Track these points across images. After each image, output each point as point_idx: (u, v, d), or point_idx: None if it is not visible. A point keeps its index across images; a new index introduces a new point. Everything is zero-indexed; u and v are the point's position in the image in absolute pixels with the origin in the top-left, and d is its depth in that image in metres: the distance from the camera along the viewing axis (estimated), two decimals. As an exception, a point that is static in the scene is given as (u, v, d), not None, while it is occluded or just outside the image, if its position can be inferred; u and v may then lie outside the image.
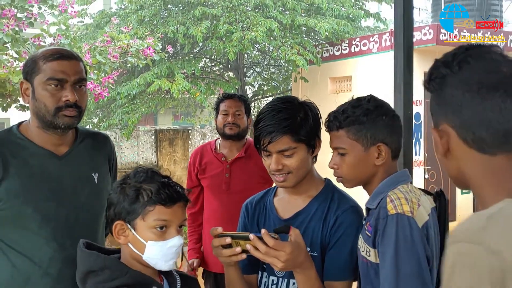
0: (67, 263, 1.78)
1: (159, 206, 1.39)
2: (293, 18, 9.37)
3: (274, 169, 1.67)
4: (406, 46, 3.10)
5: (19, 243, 1.79)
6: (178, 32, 9.07)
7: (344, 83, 9.62)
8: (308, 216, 1.74)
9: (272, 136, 1.63)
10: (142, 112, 9.41)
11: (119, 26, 8.10)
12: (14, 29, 6.07)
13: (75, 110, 1.80)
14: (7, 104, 6.67)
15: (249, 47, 9.12)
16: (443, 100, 1.01)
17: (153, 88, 8.81)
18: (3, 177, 1.76)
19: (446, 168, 1.07)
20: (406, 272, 1.47)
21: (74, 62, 1.83)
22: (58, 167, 1.86)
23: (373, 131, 1.64)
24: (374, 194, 1.66)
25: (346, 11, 10.08)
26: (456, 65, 0.99)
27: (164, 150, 9.53)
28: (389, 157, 1.66)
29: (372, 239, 1.58)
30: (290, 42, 9.26)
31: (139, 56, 6.69)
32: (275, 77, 12.60)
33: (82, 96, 1.84)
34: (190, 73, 9.56)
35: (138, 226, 1.41)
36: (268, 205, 1.82)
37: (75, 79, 1.80)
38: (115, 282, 1.38)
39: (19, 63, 6.25)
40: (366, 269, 1.64)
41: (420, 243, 1.49)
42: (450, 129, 1.00)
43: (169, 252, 1.42)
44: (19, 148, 1.82)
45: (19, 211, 1.77)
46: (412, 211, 1.51)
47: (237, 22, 9.15)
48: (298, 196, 1.78)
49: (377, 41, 8.93)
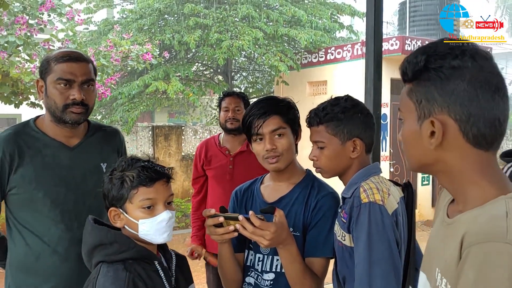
0: (73, 242, 1.79)
1: (142, 187, 1.39)
2: (276, 29, 9.37)
3: (269, 149, 1.65)
4: (376, 55, 3.12)
5: (31, 224, 1.81)
6: (173, 39, 9.03)
7: (320, 87, 9.66)
8: (291, 200, 1.74)
9: (265, 116, 1.64)
10: (140, 110, 9.36)
11: (120, 33, 8.03)
12: (26, 34, 6.00)
13: (81, 108, 1.80)
14: (19, 101, 6.60)
15: (236, 54, 9.10)
16: (449, 91, 0.90)
17: (151, 89, 8.76)
18: (18, 164, 1.78)
19: (415, 153, 0.98)
20: (378, 255, 1.47)
21: (83, 64, 1.82)
22: (69, 157, 1.86)
23: (350, 127, 1.63)
24: (349, 185, 1.66)
25: (323, 23, 10.10)
26: (468, 59, 0.89)
27: (160, 144, 9.48)
28: (363, 150, 1.66)
29: (347, 225, 1.58)
30: (273, 50, 9.26)
31: (138, 60, 6.65)
32: (259, 81, 12.59)
33: (89, 94, 1.83)
34: (184, 76, 9.52)
35: (128, 209, 1.41)
36: (255, 192, 1.82)
37: (83, 79, 1.80)
38: (123, 255, 1.38)
39: (30, 64, 6.18)
40: (341, 252, 1.64)
41: (390, 229, 1.49)
42: (451, 120, 0.90)
43: (161, 226, 1.41)
44: (33, 140, 1.83)
45: (31, 195, 1.79)
46: (383, 200, 1.51)
47: (226, 32, 9.13)
48: (283, 183, 1.77)
49: (350, 50, 8.98)
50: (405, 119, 0.99)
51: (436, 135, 0.91)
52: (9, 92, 6.37)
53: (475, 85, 0.88)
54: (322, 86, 9.60)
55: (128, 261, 1.38)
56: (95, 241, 1.42)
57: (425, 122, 0.93)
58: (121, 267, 1.36)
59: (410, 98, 0.95)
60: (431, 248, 1.04)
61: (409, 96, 0.96)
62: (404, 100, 0.98)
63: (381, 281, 1.45)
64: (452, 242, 0.88)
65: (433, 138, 0.92)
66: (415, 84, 0.95)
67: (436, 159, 0.94)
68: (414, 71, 0.94)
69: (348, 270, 1.62)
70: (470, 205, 0.91)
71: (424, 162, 0.97)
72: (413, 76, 0.95)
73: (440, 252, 0.95)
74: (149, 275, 1.39)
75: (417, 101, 0.94)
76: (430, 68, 0.91)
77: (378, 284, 1.46)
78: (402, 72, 0.98)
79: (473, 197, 0.91)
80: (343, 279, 1.67)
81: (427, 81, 0.92)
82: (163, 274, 1.44)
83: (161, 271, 1.44)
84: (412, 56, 0.95)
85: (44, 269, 1.81)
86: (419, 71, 0.93)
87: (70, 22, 6.77)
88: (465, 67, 0.89)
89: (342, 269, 1.67)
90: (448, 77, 0.90)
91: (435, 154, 0.93)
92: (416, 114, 0.94)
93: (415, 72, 0.94)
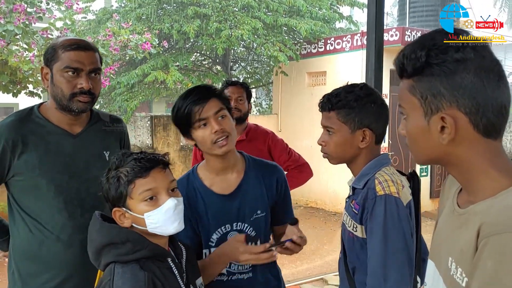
0: (77, 230, 1.80)
1: (138, 180, 1.32)
2: (276, 19, 9.33)
3: (218, 129, 1.60)
4: (377, 45, 3.12)
5: (34, 211, 1.81)
6: (172, 29, 8.99)
7: (319, 78, 9.63)
8: (248, 185, 1.73)
9: (204, 101, 1.61)
10: (140, 100, 9.32)
11: (119, 22, 7.99)
12: (25, 23, 5.97)
13: (88, 97, 1.79)
14: (17, 90, 6.58)
15: (236, 43, 9.08)
16: (456, 85, 0.89)
17: (150, 78, 8.73)
18: (22, 151, 1.77)
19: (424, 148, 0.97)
20: (393, 247, 1.47)
21: (90, 52, 1.81)
22: (72, 144, 1.86)
23: (361, 116, 1.60)
24: (360, 176, 1.64)
25: (322, 14, 10.07)
26: (470, 50, 0.89)
27: (159, 134, 9.47)
28: (372, 141, 1.64)
29: (359, 216, 1.57)
30: (273, 40, 9.23)
31: (137, 49, 6.62)
32: (258, 71, 12.57)
33: (96, 83, 1.82)
34: (183, 66, 9.49)
35: (131, 205, 1.34)
36: (201, 189, 1.72)
37: (90, 68, 1.79)
38: (136, 255, 1.31)
39: (29, 53, 6.15)
40: (352, 243, 1.64)
41: (406, 221, 1.50)
42: (461, 114, 0.89)
43: (168, 216, 1.34)
44: (37, 126, 1.83)
45: (35, 182, 1.78)
46: (398, 192, 1.51)
47: (225, 21, 9.09)
48: (230, 172, 1.73)
49: (350, 41, 8.95)
50: (408, 115, 0.98)
51: (449, 131, 0.91)
52: (7, 81, 6.35)
53: (481, 75, 0.88)
54: (321, 76, 9.58)
55: (142, 260, 1.32)
56: (104, 240, 1.34)
57: (434, 117, 0.92)
58: (137, 267, 1.29)
59: (413, 94, 0.94)
60: (440, 238, 1.05)
61: (411, 92, 0.95)
62: (406, 96, 0.96)
63: (396, 273, 1.46)
64: (467, 232, 0.89)
65: (445, 134, 0.91)
66: (416, 80, 0.93)
67: (446, 152, 0.94)
68: (415, 67, 0.92)
69: (358, 261, 1.62)
70: (481, 195, 0.92)
71: (434, 156, 0.97)
72: (414, 72, 0.93)
73: (452, 242, 0.96)
74: (163, 273, 1.34)
75: (422, 97, 0.93)
76: (433, 64, 0.90)
77: (393, 276, 1.46)
78: (399, 68, 0.96)
79: (485, 187, 0.91)
80: (352, 270, 1.67)
81: (431, 76, 0.91)
82: (176, 272, 1.39)
83: (174, 268, 1.39)
84: (410, 51, 0.93)
85: (47, 256, 1.81)
86: (420, 67, 0.92)
87: (68, 10, 6.72)
88: (469, 58, 0.88)
89: (352, 260, 1.67)
90: (453, 71, 0.89)
91: (445, 148, 0.93)
92: (422, 110, 0.93)
93: (416, 68, 0.92)
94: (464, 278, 0.88)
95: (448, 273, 0.94)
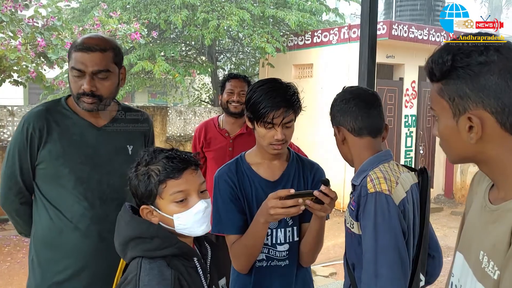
0: (95, 221, 1.84)
1: (170, 180, 1.30)
2: (263, 10, 9.35)
3: (280, 139, 1.69)
4: (370, 38, 3.20)
5: (56, 199, 1.85)
6: (160, 18, 8.95)
7: (306, 70, 9.69)
8: (290, 176, 1.82)
9: (284, 112, 1.67)
10: (126, 90, 9.29)
11: (106, 12, 7.92)
12: (11, 10, 5.89)
13: (92, 98, 1.80)
14: (1, 79, 6.49)
15: (223, 34, 9.08)
16: (481, 87, 0.94)
17: (137, 68, 8.69)
18: (46, 140, 1.82)
19: (455, 147, 1.03)
20: (383, 244, 1.50)
21: (96, 54, 1.78)
22: (96, 136, 1.89)
23: (331, 116, 1.74)
24: (358, 172, 1.68)
25: (309, 6, 10.12)
26: (494, 53, 0.93)
27: (145, 125, 9.44)
28: (349, 136, 1.70)
29: (355, 213, 1.61)
30: (260, 31, 9.25)
31: (126, 39, 6.59)
32: (244, 62, 12.59)
33: (102, 85, 1.81)
34: (170, 56, 9.46)
35: (160, 204, 1.32)
36: (248, 172, 1.82)
37: (93, 70, 1.78)
38: (164, 252, 1.29)
39: (15, 41, 6.08)
40: (350, 239, 1.68)
41: (396, 218, 1.51)
42: (487, 114, 0.94)
43: (198, 218, 1.33)
44: (63, 117, 1.87)
45: (57, 171, 1.83)
46: (390, 189, 1.53)
47: (213, 12, 9.08)
48: (277, 160, 1.83)
49: (337, 34, 9.00)
50: (439, 117, 1.04)
51: (476, 130, 0.95)
52: (-8, 70, 6.27)
53: (505, 76, 0.92)
54: (308, 69, 9.64)
55: (168, 257, 1.30)
56: (132, 233, 1.32)
57: (462, 118, 0.97)
58: (164, 264, 1.27)
59: (442, 96, 1.00)
60: (470, 231, 1.10)
61: (440, 95, 1.00)
62: (436, 99, 1.02)
63: (387, 270, 1.48)
64: (500, 228, 0.94)
65: (472, 133, 0.96)
66: (444, 83, 0.99)
67: (477, 151, 0.99)
68: (443, 71, 0.98)
69: (356, 257, 1.65)
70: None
71: (465, 155, 1.02)
72: (442, 76, 0.99)
73: (483, 236, 1.00)
74: (189, 272, 1.32)
75: (450, 99, 0.98)
76: (458, 67, 0.95)
77: (383, 273, 1.48)
78: (429, 72, 1.02)
79: None
80: (352, 266, 1.70)
81: (457, 79, 0.96)
82: (201, 272, 1.37)
83: (199, 269, 1.37)
84: (437, 56, 0.99)
85: (65, 244, 1.84)
86: (447, 71, 0.97)
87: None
88: (492, 61, 0.93)
89: (351, 256, 1.70)
90: (478, 74, 0.94)
91: (475, 146, 0.98)
92: (451, 111, 0.99)
93: (443, 72, 0.98)
94: (496, 271, 0.93)
95: (479, 266, 0.99)
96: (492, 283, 0.94)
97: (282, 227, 1.79)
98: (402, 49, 8.69)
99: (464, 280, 1.07)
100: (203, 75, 12.27)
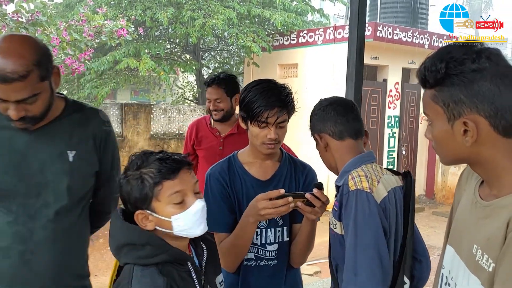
0: (17, 239, 1.61)
1: (166, 182, 1.27)
2: (249, 9, 9.37)
3: (273, 138, 1.72)
4: (359, 40, 3.26)
5: None
6: (145, 16, 8.93)
7: (291, 70, 9.75)
8: (282, 176, 1.85)
9: (278, 112, 1.70)
10: (111, 87, 9.23)
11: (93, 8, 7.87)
12: (-4, 5, 5.83)
13: (23, 123, 1.55)
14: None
15: (209, 33, 9.10)
16: (475, 93, 0.99)
17: (122, 66, 8.62)
18: None
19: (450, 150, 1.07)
20: (363, 242, 1.50)
21: (15, 84, 1.46)
22: (26, 142, 1.62)
23: (311, 126, 1.78)
24: (341, 173, 1.69)
25: (295, 6, 10.19)
26: (485, 60, 0.99)
27: (129, 122, 9.39)
28: (331, 141, 1.72)
29: (338, 213, 1.62)
30: (246, 30, 9.28)
31: (112, 36, 6.57)
32: (228, 61, 12.61)
33: (32, 107, 1.54)
34: (155, 54, 9.45)
35: (156, 207, 1.29)
36: (240, 171, 1.83)
37: (16, 99, 1.49)
38: (155, 259, 1.27)
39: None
40: (333, 240, 1.70)
41: (377, 216, 1.52)
42: (481, 118, 1.00)
43: (196, 218, 1.31)
44: None
45: None
46: (371, 188, 1.54)
47: (199, 10, 9.08)
48: (269, 160, 1.85)
49: (322, 34, 9.08)
50: (433, 121, 1.09)
51: (471, 134, 1.01)
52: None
53: (497, 82, 0.98)
54: (293, 69, 9.70)
55: (161, 263, 1.29)
56: (124, 240, 1.31)
57: (457, 122, 1.02)
58: (156, 271, 1.26)
59: (436, 102, 1.05)
60: (461, 226, 1.15)
61: (434, 100, 1.06)
62: (430, 104, 1.07)
63: (366, 268, 1.49)
64: (494, 223, 1.00)
65: (468, 136, 1.01)
66: (438, 89, 1.04)
67: (471, 152, 1.04)
68: (437, 79, 1.03)
69: (339, 258, 1.65)
70: (506, 190, 1.02)
71: (459, 157, 1.08)
72: (435, 83, 1.04)
73: (476, 231, 1.06)
74: (182, 277, 1.31)
75: (445, 104, 1.03)
76: (452, 75, 1.01)
77: (363, 271, 1.49)
78: (422, 79, 1.07)
79: (509, 182, 1.02)
80: (335, 267, 1.72)
81: (451, 86, 1.01)
82: (195, 276, 1.36)
83: (193, 272, 1.36)
84: (430, 64, 1.04)
85: None
86: (441, 78, 1.02)
87: (37, -8, 6.58)
88: (484, 68, 0.98)
89: (334, 257, 1.72)
90: (472, 80, 0.99)
91: (469, 149, 1.03)
92: (446, 116, 1.04)
93: (437, 79, 1.03)
94: (491, 264, 0.98)
95: (472, 259, 1.05)
96: (487, 275, 0.99)
97: (272, 227, 1.82)
98: (387, 51, 8.80)
99: (455, 272, 1.12)
100: (187, 73, 12.26)
